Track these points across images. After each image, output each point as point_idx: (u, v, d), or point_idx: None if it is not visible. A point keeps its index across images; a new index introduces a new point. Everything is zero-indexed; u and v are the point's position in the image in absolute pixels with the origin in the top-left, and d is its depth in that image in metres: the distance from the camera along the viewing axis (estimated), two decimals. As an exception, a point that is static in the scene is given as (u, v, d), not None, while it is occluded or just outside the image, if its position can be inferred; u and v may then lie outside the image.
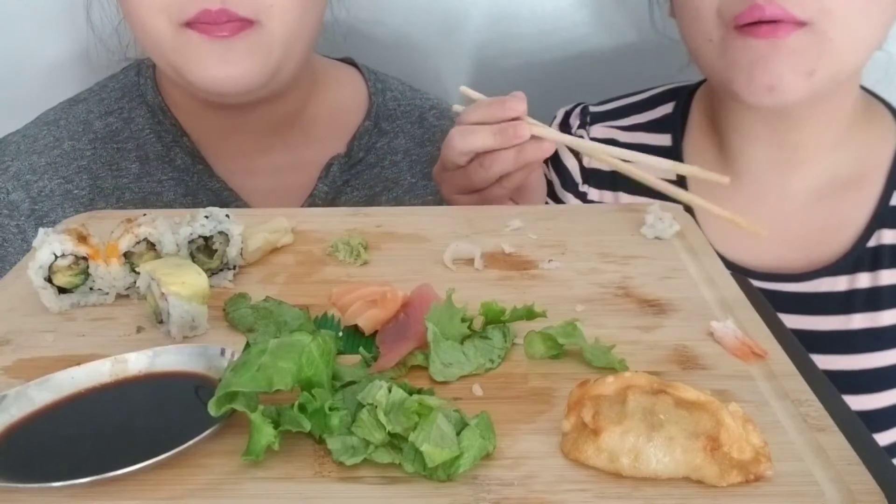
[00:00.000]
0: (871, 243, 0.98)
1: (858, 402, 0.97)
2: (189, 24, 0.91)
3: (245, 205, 1.05)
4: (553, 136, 0.87)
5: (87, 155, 1.06)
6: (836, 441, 0.54)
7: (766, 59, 0.89)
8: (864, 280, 0.98)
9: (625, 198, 1.10)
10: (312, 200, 1.07)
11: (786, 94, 0.90)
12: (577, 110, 1.15)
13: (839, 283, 0.98)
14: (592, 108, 1.15)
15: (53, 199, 1.04)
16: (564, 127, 1.15)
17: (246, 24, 0.91)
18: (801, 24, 0.87)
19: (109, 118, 1.08)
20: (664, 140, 1.10)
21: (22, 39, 1.32)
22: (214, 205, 1.02)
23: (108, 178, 1.05)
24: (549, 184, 1.16)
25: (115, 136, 1.07)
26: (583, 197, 1.12)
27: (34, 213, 1.04)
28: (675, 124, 1.10)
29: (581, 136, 1.12)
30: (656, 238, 0.83)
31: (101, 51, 1.18)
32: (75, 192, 1.05)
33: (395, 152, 1.12)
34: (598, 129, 1.13)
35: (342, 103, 1.13)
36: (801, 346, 0.66)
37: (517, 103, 0.86)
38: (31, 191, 1.04)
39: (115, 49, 1.16)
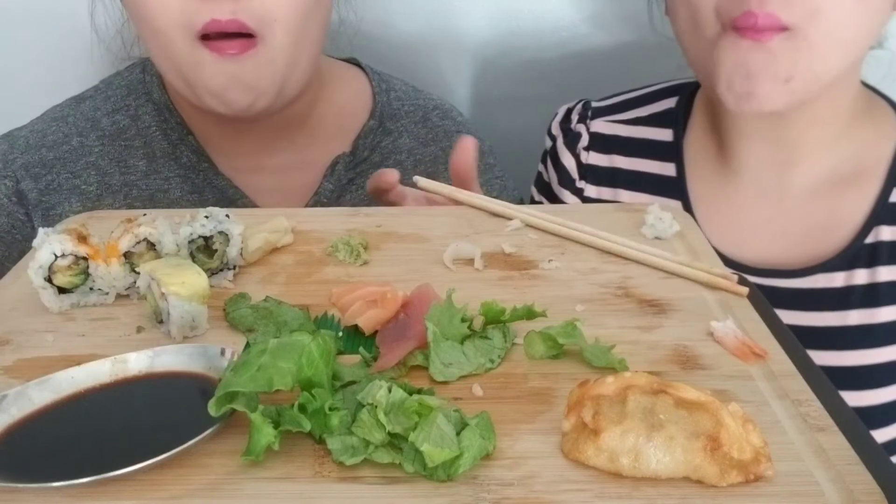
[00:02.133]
0: (869, 240, 0.98)
1: (853, 399, 0.96)
2: (201, 39, 0.92)
3: (251, 202, 1.06)
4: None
5: (95, 151, 1.07)
6: (836, 441, 0.54)
7: (746, 63, 0.90)
8: (861, 276, 0.98)
9: (623, 194, 1.10)
10: (318, 199, 1.07)
11: (763, 102, 0.91)
12: (579, 106, 1.15)
13: (836, 280, 0.98)
14: (594, 104, 1.15)
15: (61, 193, 1.05)
16: (565, 123, 1.15)
17: (251, 43, 0.93)
18: (784, 28, 0.88)
19: (116, 116, 1.09)
20: (665, 135, 1.10)
21: (22, 40, 1.32)
22: (220, 202, 1.04)
23: (115, 174, 1.06)
24: (547, 183, 1.17)
25: (122, 133, 1.08)
26: (580, 193, 1.12)
27: (41, 204, 1.05)
28: (676, 119, 1.10)
29: (579, 133, 1.13)
30: (656, 238, 0.83)
31: (104, 51, 1.18)
32: (83, 187, 1.05)
33: (400, 151, 1.13)
34: (600, 124, 1.13)
35: (347, 103, 1.14)
36: (801, 345, 0.66)
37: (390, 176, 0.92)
38: (39, 183, 1.05)
39: (118, 49, 1.16)
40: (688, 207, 1.05)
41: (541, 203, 1.17)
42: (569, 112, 1.15)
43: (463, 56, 1.37)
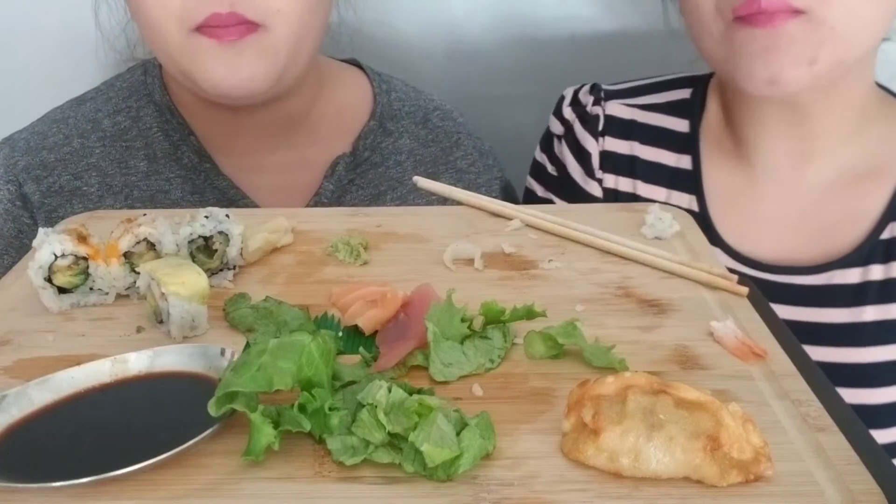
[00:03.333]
0: (885, 235, 0.98)
1: (866, 396, 0.96)
2: (198, 29, 0.92)
3: (252, 203, 1.06)
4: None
5: (96, 153, 1.07)
6: (836, 441, 0.54)
7: (766, 52, 0.88)
8: (876, 272, 0.97)
9: (641, 186, 1.08)
10: (318, 199, 1.07)
11: (787, 86, 0.90)
12: (586, 88, 1.12)
13: (851, 276, 0.98)
14: (605, 87, 1.12)
15: (62, 194, 1.05)
16: (576, 106, 1.12)
17: (253, 27, 0.93)
18: (798, 11, 0.87)
19: (118, 117, 1.09)
20: (681, 125, 1.08)
21: (27, 40, 1.32)
22: (221, 203, 1.04)
23: (117, 175, 1.06)
24: (561, 170, 1.13)
25: (123, 134, 1.08)
26: (599, 184, 1.10)
27: (44, 207, 1.05)
28: (692, 110, 1.08)
29: (597, 115, 1.10)
30: (656, 238, 0.83)
31: (109, 50, 1.18)
32: (84, 188, 1.05)
33: (400, 152, 1.13)
34: (615, 107, 1.10)
35: (347, 103, 1.14)
36: (801, 346, 0.66)
37: None
38: (41, 185, 1.05)
39: (123, 49, 1.16)
40: (703, 202, 1.04)
41: (542, 195, 1.14)
42: (577, 94, 1.13)
43: (462, 56, 1.36)
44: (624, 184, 1.09)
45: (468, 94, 1.38)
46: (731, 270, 0.77)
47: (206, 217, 0.76)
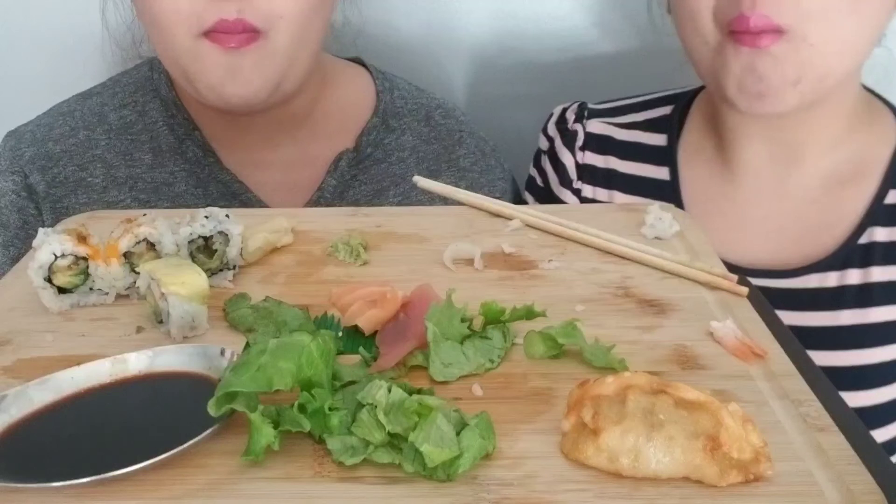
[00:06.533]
0: (863, 240, 0.99)
1: (846, 400, 0.96)
2: (205, 34, 0.93)
3: (255, 197, 1.07)
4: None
5: (101, 145, 1.08)
6: (836, 441, 0.54)
7: (754, 67, 0.90)
8: (854, 276, 0.98)
9: (618, 196, 1.10)
10: (321, 194, 1.08)
11: (774, 103, 0.92)
12: (574, 106, 1.16)
13: (829, 279, 0.99)
14: (591, 106, 1.16)
15: (68, 185, 1.06)
16: (561, 123, 1.16)
17: (255, 36, 0.94)
18: (781, 32, 0.88)
19: (123, 111, 1.10)
20: (659, 140, 1.10)
21: (33, 38, 1.33)
22: (225, 196, 1.05)
23: (121, 167, 1.07)
24: (546, 182, 1.17)
25: (129, 127, 1.09)
26: (577, 194, 1.13)
27: (49, 197, 1.05)
28: (671, 125, 1.11)
29: (576, 131, 1.14)
30: (656, 238, 0.83)
31: (115, 48, 1.19)
32: (89, 179, 1.06)
33: (403, 149, 1.13)
34: (595, 124, 1.13)
35: (351, 101, 1.15)
36: (801, 345, 0.66)
37: None
38: (46, 175, 1.06)
39: (129, 46, 1.17)
40: (680, 209, 1.05)
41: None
42: (564, 112, 1.16)
43: (464, 56, 1.37)
44: (601, 194, 1.12)
45: (469, 95, 1.38)
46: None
47: (206, 217, 0.76)
